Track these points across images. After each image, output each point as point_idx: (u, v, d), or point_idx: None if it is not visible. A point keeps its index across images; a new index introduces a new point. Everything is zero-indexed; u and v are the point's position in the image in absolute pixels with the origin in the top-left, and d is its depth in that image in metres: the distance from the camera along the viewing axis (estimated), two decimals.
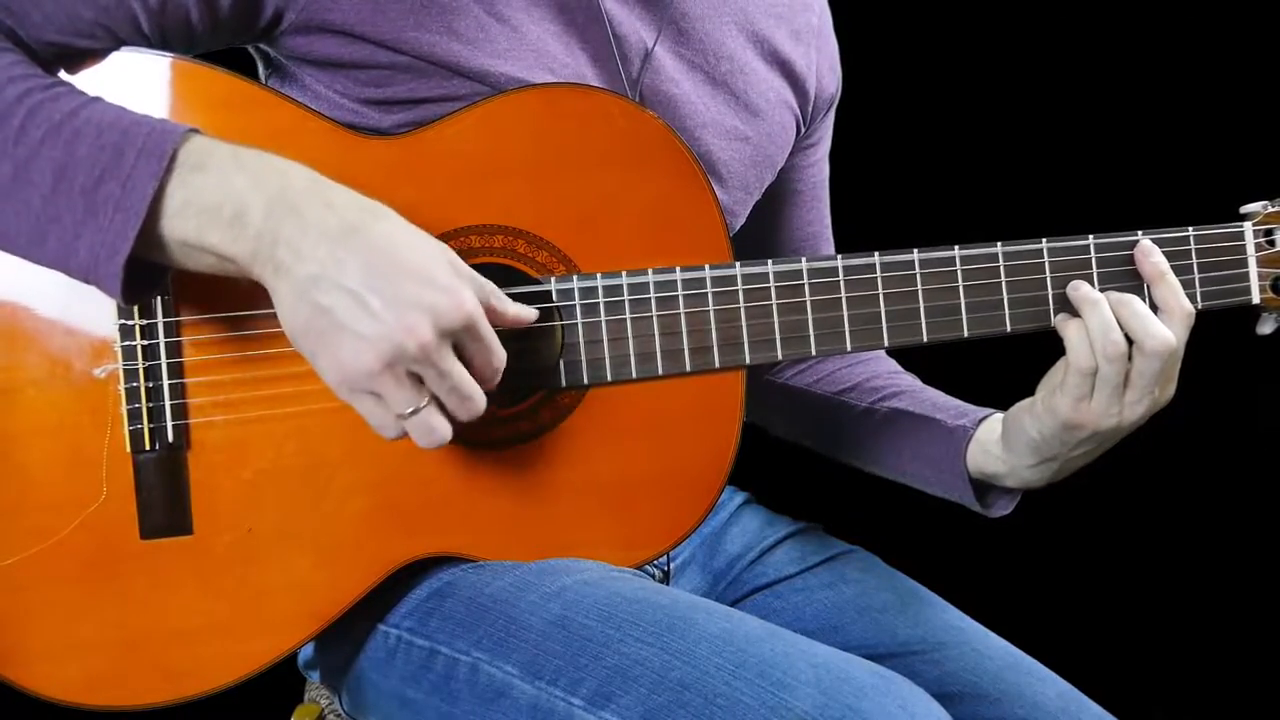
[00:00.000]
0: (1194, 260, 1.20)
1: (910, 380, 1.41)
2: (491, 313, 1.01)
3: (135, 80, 1.06)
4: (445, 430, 0.98)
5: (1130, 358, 1.11)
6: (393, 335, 0.94)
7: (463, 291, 0.97)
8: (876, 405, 1.37)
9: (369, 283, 0.94)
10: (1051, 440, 1.15)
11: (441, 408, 0.98)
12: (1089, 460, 1.19)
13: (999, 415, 1.24)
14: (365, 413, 0.99)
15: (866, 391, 1.40)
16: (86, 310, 1.06)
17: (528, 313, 1.04)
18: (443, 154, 1.10)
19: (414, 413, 0.97)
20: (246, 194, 0.95)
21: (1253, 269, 1.21)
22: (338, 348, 0.95)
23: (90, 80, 1.05)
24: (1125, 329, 1.12)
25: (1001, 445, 1.21)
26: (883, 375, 1.42)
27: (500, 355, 1.00)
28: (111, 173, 0.95)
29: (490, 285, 1.01)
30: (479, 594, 1.10)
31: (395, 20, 1.08)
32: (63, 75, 1.06)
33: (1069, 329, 1.14)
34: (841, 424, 1.40)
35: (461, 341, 0.98)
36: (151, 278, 1.00)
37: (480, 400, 0.99)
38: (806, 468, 2.05)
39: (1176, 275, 1.17)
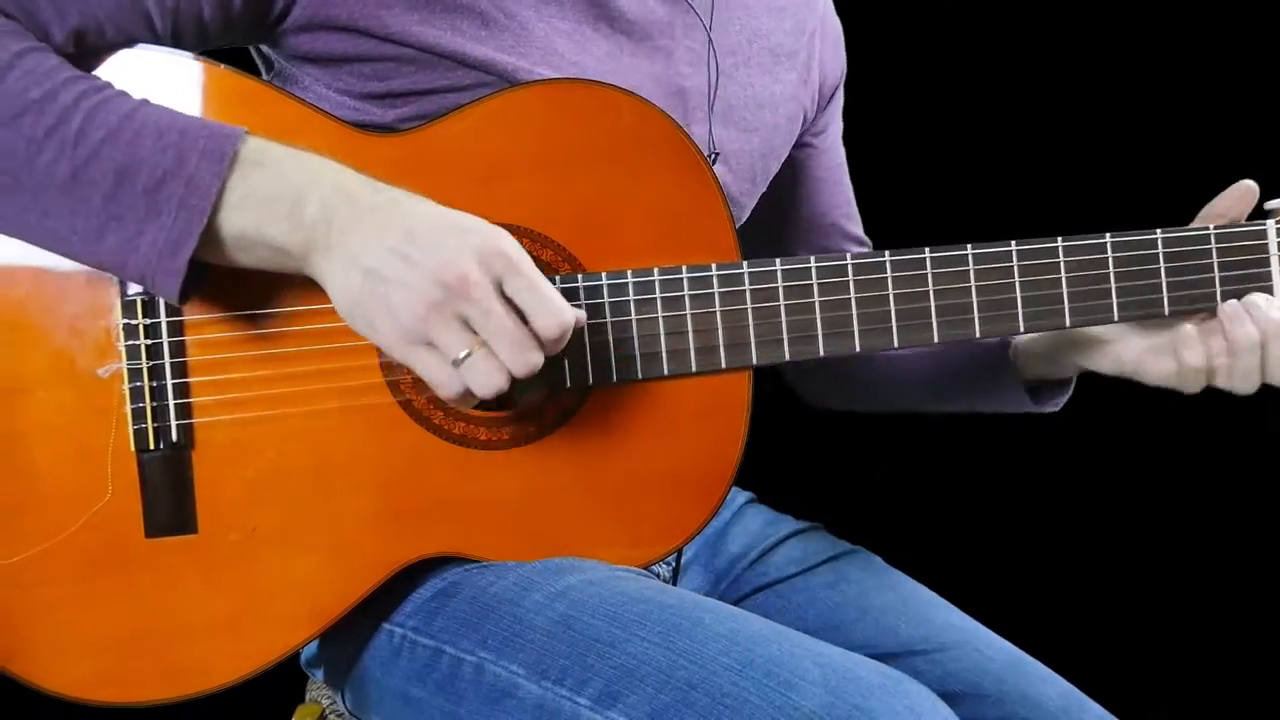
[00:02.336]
0: (1214, 259, 1.18)
1: None
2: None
3: (146, 78, 1.06)
4: (500, 378, 0.98)
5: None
6: (434, 273, 0.96)
7: (501, 232, 0.99)
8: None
9: (411, 238, 0.97)
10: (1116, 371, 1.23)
11: (495, 354, 0.98)
12: None
13: None
14: (422, 368, 0.99)
15: None
16: (91, 309, 1.06)
17: (574, 312, 1.01)
18: (448, 151, 1.10)
19: (467, 356, 0.98)
20: (303, 186, 0.99)
21: (1275, 267, 1.19)
22: (388, 302, 0.97)
23: (103, 78, 1.05)
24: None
25: (1050, 357, 1.28)
26: None
27: (554, 298, 0.99)
28: (175, 173, 0.97)
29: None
30: (483, 593, 1.09)
31: (400, 15, 1.09)
32: None
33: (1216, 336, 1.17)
34: (884, 372, 1.44)
35: (507, 283, 0.98)
36: (198, 277, 1.01)
37: (534, 351, 0.99)
38: (808, 468, 2.07)
39: (1195, 274, 1.18)
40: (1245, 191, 1.19)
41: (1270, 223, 1.19)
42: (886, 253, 1.14)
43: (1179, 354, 1.17)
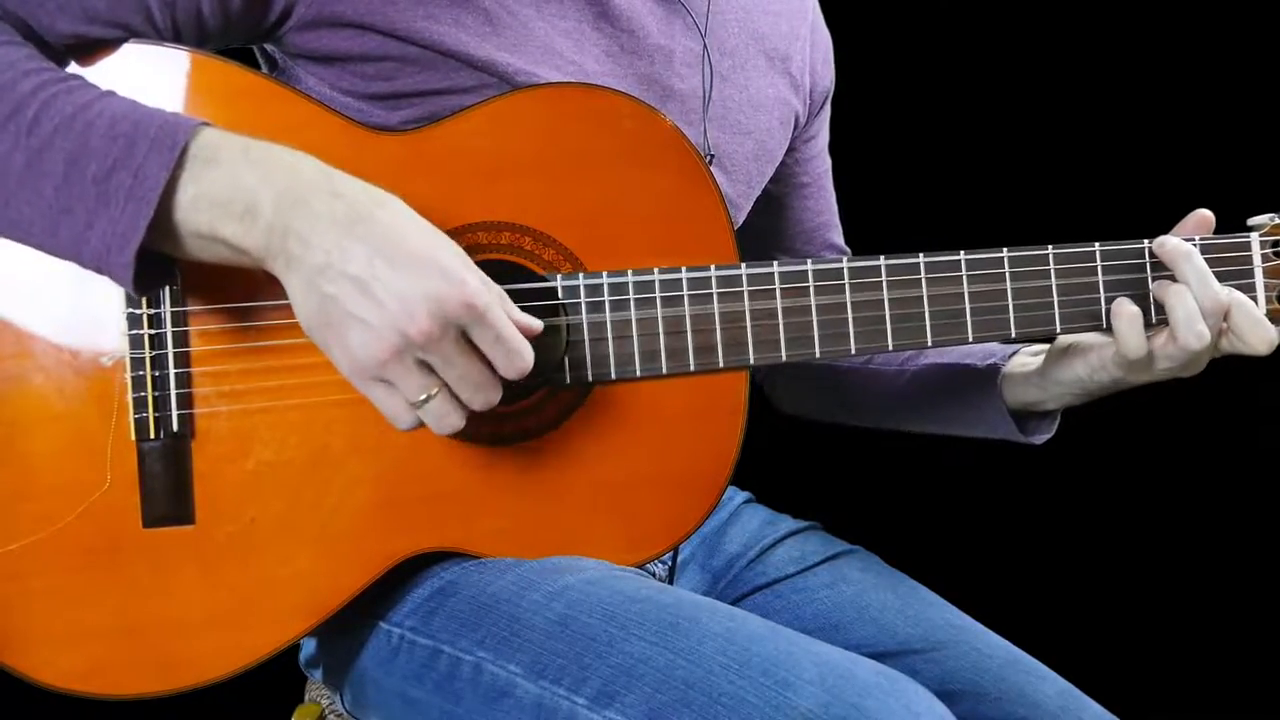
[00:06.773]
0: None
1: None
2: None
3: (151, 73, 1.06)
4: (458, 419, 0.99)
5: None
6: (396, 323, 0.94)
7: (466, 279, 0.96)
8: (906, 366, 1.40)
9: (373, 270, 0.94)
10: (1102, 385, 1.22)
11: (456, 395, 0.98)
12: None
13: (1025, 348, 1.30)
14: (378, 401, 0.99)
15: (893, 358, 1.43)
16: (95, 298, 1.06)
17: (533, 322, 1.03)
18: (452, 150, 1.10)
19: (426, 400, 0.97)
20: (257, 188, 0.95)
21: (1259, 279, 1.21)
22: (346, 337, 0.96)
23: (106, 72, 1.05)
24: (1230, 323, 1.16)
25: (1040, 376, 1.25)
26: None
27: (519, 348, 0.99)
28: (123, 163, 0.95)
29: (496, 288, 1.01)
30: (481, 593, 1.09)
31: (405, 11, 1.09)
32: (75, 67, 1.06)
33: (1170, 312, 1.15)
34: (871, 390, 1.43)
35: (470, 329, 0.97)
36: (163, 268, 1.00)
37: (494, 391, 0.99)
38: (807, 467, 2.07)
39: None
40: (1203, 219, 1.22)
41: (1254, 235, 1.21)
42: (881, 257, 1.15)
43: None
